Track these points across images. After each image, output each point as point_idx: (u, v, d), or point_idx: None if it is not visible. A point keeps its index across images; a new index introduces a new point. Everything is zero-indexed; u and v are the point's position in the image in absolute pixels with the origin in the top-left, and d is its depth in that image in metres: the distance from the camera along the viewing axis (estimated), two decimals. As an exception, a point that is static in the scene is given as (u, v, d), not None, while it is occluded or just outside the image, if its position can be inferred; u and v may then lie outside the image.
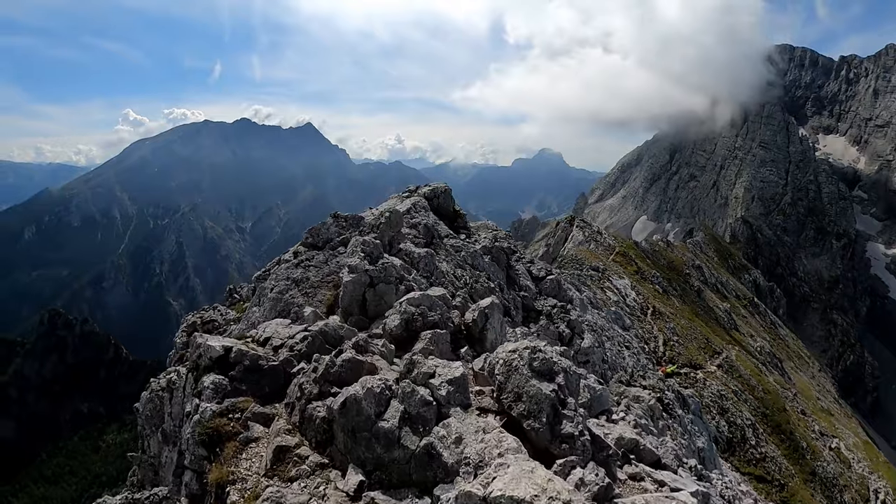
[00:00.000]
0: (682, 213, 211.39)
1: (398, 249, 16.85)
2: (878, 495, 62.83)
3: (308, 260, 16.96)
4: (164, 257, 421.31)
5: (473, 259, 21.19)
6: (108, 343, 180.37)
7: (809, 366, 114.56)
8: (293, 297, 15.20)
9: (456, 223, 25.05)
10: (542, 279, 24.82)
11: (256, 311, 16.16)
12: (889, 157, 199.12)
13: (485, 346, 11.82)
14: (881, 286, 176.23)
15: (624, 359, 26.12)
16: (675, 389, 27.86)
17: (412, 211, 21.72)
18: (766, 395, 65.76)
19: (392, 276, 12.85)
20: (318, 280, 15.78)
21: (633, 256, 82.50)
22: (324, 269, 16.51)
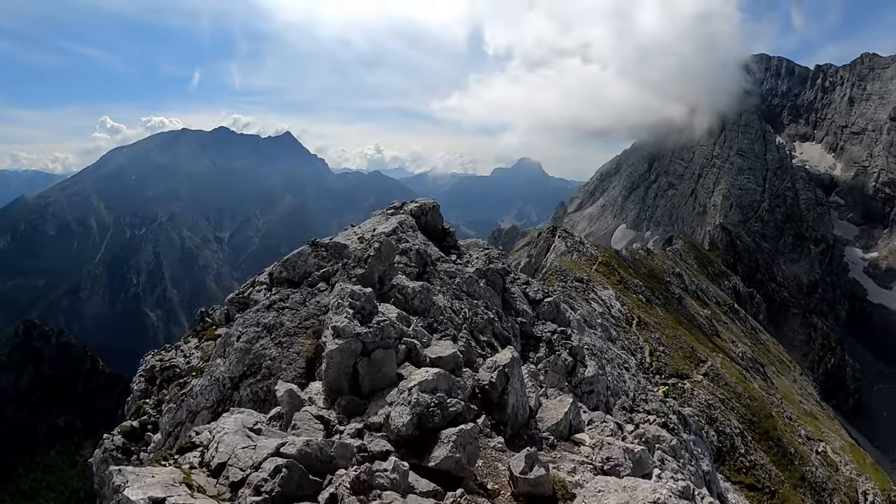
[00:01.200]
0: (661, 221, 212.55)
1: (390, 286, 15.07)
2: (867, 497, 63.02)
3: (282, 300, 14.77)
4: (141, 267, 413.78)
5: (469, 285, 19.77)
6: (84, 355, 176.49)
7: (791, 370, 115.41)
8: (265, 349, 13.20)
9: (445, 242, 23.41)
10: (540, 302, 23.53)
11: (221, 364, 13.79)
12: (865, 163, 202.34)
13: (505, 412, 10.39)
14: (860, 289, 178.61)
15: (625, 382, 25.34)
16: (675, 411, 27.44)
17: (399, 231, 19.99)
18: (752, 401, 65.74)
19: (390, 337, 10.52)
20: (295, 326, 13.80)
21: (616, 266, 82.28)
22: (301, 311, 14.40)
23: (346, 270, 15.32)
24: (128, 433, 16.82)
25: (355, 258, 15.68)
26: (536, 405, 11.59)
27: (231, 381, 13.16)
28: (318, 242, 17.71)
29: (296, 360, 12.93)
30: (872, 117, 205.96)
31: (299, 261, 16.86)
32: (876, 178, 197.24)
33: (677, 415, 27.05)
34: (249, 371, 13.03)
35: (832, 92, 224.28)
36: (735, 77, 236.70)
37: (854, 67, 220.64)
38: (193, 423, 12.90)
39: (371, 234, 18.98)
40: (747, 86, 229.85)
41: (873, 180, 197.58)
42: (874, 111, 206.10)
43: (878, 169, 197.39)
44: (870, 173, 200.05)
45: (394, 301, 14.34)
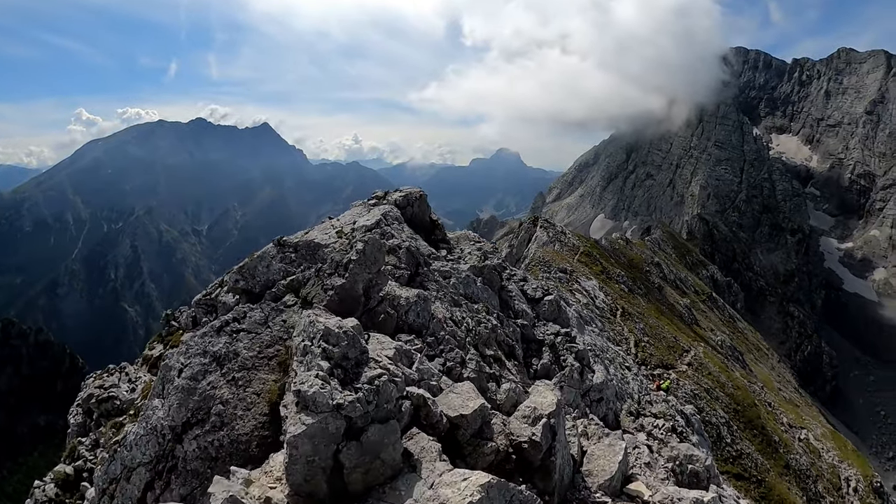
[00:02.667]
0: (639, 210, 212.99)
1: (378, 300, 12.12)
2: (850, 483, 63.23)
3: (238, 320, 11.47)
4: (119, 262, 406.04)
5: (466, 286, 17.22)
6: (63, 354, 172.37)
7: (769, 357, 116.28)
8: (214, 388, 10.12)
9: (434, 235, 20.78)
10: (540, 301, 21.28)
11: (159, 407, 10.62)
12: (840, 156, 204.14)
13: (551, 478, 8.14)
14: (835, 279, 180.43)
15: (628, 383, 24.02)
16: (679, 410, 26.40)
17: (382, 224, 17.22)
18: (736, 391, 65.61)
19: (390, 399, 7.64)
20: (254, 356, 10.67)
21: (598, 256, 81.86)
22: (262, 335, 11.16)
23: (321, 280, 12.10)
24: (61, 481, 14.15)
25: (333, 263, 12.35)
26: (579, 453, 9.42)
27: (172, 431, 10.05)
28: (286, 241, 14.54)
29: (255, 405, 9.98)
30: (848, 111, 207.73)
31: (260, 266, 13.50)
32: (851, 170, 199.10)
33: (680, 413, 26.20)
34: (195, 418, 9.95)
35: (809, 85, 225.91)
36: (713, 69, 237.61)
37: (831, 62, 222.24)
38: (129, 481, 10.23)
39: (351, 227, 16.36)
40: (725, 78, 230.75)
41: (849, 172, 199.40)
42: (850, 105, 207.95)
43: (854, 161, 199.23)
44: (845, 165, 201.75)
45: (383, 318, 11.75)
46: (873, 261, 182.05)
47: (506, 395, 10.10)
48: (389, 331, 11.58)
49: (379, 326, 11.64)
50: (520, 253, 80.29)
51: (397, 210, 18.94)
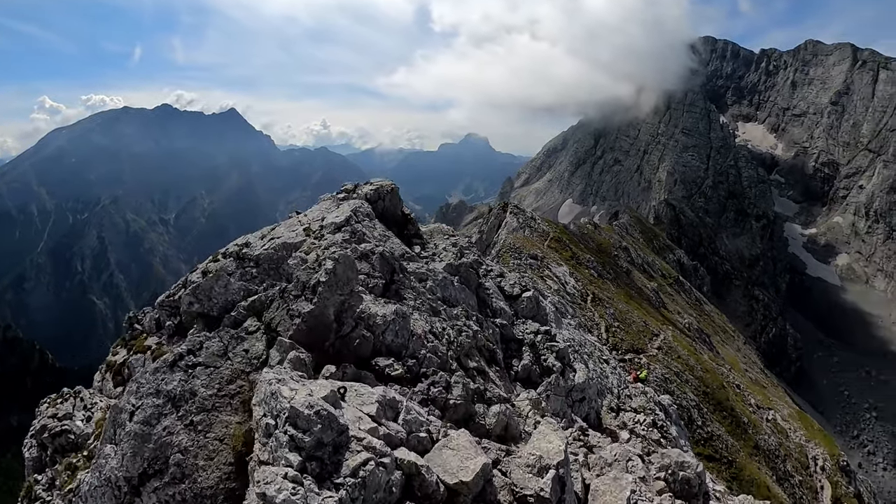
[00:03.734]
0: (607, 196, 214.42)
1: (352, 325, 10.80)
2: (817, 462, 64.43)
3: (193, 352, 10.00)
4: (86, 254, 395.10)
5: (443, 289, 16.15)
6: (32, 350, 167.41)
7: (735, 339, 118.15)
8: (171, 435, 8.84)
9: (406, 230, 19.80)
10: (518, 297, 20.38)
11: (111, 455, 9.25)
12: (805, 145, 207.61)
13: None
14: (799, 264, 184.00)
15: (607, 377, 23.50)
16: (657, 402, 26.23)
17: (353, 221, 16.07)
18: (705, 373, 66.30)
19: (379, 486, 6.73)
20: (213, 395, 9.33)
21: (567, 241, 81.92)
22: (221, 368, 9.76)
23: (287, 303, 10.78)
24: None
25: (299, 283, 11.01)
26: (582, 489, 8.54)
27: (128, 483, 8.79)
28: (246, 255, 12.91)
29: (218, 453, 8.76)
30: (814, 101, 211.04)
31: (217, 286, 11.91)
32: (816, 158, 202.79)
33: (658, 405, 26.04)
34: (152, 469, 8.72)
35: (776, 75, 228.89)
36: (682, 58, 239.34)
37: (798, 53, 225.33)
38: (88, 536, 9.00)
39: (319, 224, 15.42)
40: (693, 66, 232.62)
41: (813, 160, 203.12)
42: (816, 95, 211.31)
43: (818, 150, 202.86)
44: (810, 154, 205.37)
45: (359, 343, 10.61)
46: (836, 247, 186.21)
47: (495, 419, 9.49)
48: (366, 354, 10.67)
49: (354, 352, 10.63)
50: (490, 239, 79.88)
51: (368, 205, 17.82)
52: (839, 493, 60.78)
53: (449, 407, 9.80)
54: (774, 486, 52.36)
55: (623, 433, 18.22)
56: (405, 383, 10.19)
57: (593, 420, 17.99)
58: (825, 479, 62.24)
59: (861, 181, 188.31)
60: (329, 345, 10.48)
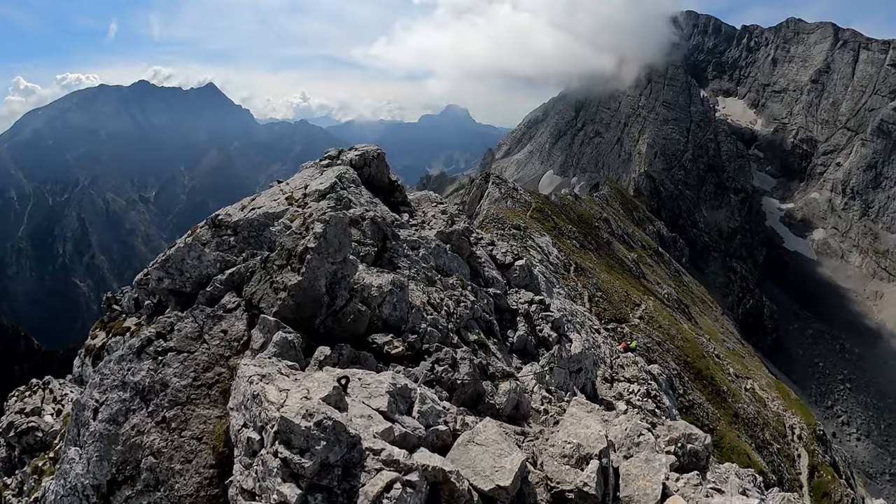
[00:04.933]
0: (588, 167, 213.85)
1: (346, 296, 9.40)
2: (794, 430, 65.46)
3: (163, 336, 8.65)
4: (67, 236, 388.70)
5: (436, 257, 15.20)
6: (18, 336, 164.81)
7: (713, 310, 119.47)
8: (141, 434, 7.61)
9: (394, 198, 18.67)
10: (510, 266, 19.36)
11: (76, 459, 8.01)
12: (784, 121, 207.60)
13: None
14: (776, 237, 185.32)
15: (599, 347, 23.06)
16: (648, 371, 26.05)
17: (338, 188, 14.82)
18: (685, 343, 66.86)
19: None
20: (188, 385, 8.04)
21: (549, 212, 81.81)
22: (196, 353, 8.47)
23: (270, 274, 9.28)
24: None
25: (283, 251, 9.45)
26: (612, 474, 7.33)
27: (97, 491, 7.54)
28: (222, 221, 11.51)
29: (197, 454, 7.49)
30: (794, 79, 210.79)
31: (189, 258, 10.52)
32: (794, 135, 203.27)
33: (648, 374, 25.91)
34: (122, 475, 7.44)
35: (756, 52, 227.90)
36: (663, 31, 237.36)
37: (779, 30, 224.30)
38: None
39: (302, 192, 14.29)
40: (675, 40, 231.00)
41: (792, 137, 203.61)
42: (796, 73, 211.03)
43: (797, 127, 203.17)
44: (789, 130, 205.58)
45: (353, 319, 9.27)
46: (813, 221, 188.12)
47: (506, 397, 8.59)
48: (361, 331, 9.41)
49: (349, 329, 9.28)
50: (472, 209, 79.57)
51: (353, 171, 16.61)
52: (815, 462, 61.81)
53: (457, 387, 8.77)
54: (754, 454, 53.05)
55: (620, 404, 17.86)
56: (407, 362, 9.06)
57: (589, 391, 17.43)
58: (802, 448, 63.23)
59: (839, 159, 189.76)
60: (320, 322, 9.11)
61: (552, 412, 9.98)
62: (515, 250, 20.70)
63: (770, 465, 54.21)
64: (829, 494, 57.73)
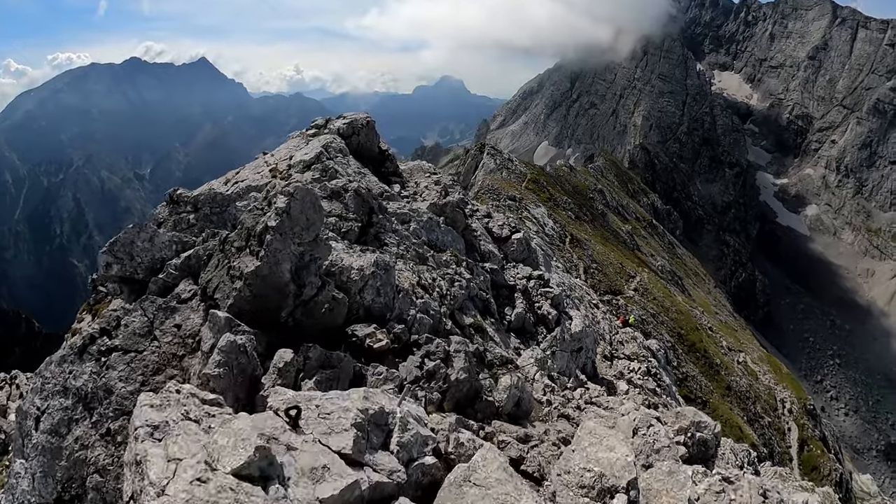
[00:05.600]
0: (582, 139, 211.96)
1: (318, 283, 7.97)
2: (785, 404, 65.59)
3: (107, 332, 7.51)
4: (63, 217, 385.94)
5: (428, 231, 14.05)
6: (19, 319, 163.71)
7: (706, 282, 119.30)
8: (85, 449, 6.59)
9: (384, 168, 17.52)
10: (507, 239, 18.25)
11: (22, 473, 6.89)
12: (780, 96, 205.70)
13: None
14: (770, 212, 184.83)
15: (598, 322, 22.32)
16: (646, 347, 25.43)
17: (324, 157, 13.64)
18: (679, 315, 66.66)
19: None
20: (134, 391, 6.87)
21: (545, 183, 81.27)
22: (145, 353, 7.32)
23: (228, 258, 7.95)
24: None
25: (243, 230, 8.08)
26: None
27: None
28: (181, 197, 10.23)
29: None
30: (791, 54, 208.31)
31: (139, 241, 9.16)
32: (790, 110, 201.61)
33: (647, 350, 25.36)
34: (68, 493, 6.44)
35: (754, 26, 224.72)
36: (660, 3, 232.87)
37: (777, 6, 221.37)
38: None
39: (287, 163, 13.27)
40: (672, 12, 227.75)
41: (787, 112, 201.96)
42: (793, 49, 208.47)
43: (793, 103, 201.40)
44: (784, 106, 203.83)
45: (328, 309, 7.94)
46: (806, 197, 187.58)
47: (506, 394, 7.55)
48: (338, 322, 8.02)
49: (322, 321, 7.90)
50: (467, 180, 79.01)
51: (341, 140, 15.45)
52: (805, 436, 61.96)
53: (450, 385, 7.53)
54: (746, 427, 53.12)
55: (621, 384, 17.22)
56: (392, 357, 7.82)
57: (590, 370, 16.62)
58: (792, 422, 63.38)
59: (834, 136, 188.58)
60: (287, 314, 7.74)
61: (556, 403, 9.08)
62: (512, 223, 19.67)
63: (761, 439, 54.36)
64: (818, 468, 57.91)
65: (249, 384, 6.56)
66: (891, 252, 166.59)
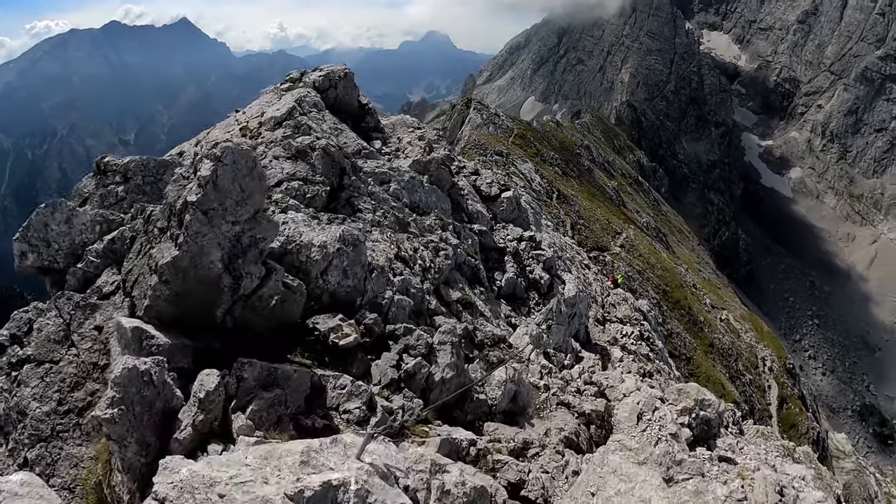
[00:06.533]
0: (569, 94, 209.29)
1: (261, 274, 6.29)
2: (766, 363, 66.09)
3: (18, 339, 6.26)
4: (50, 188, 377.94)
5: (410, 192, 12.53)
6: (13, 294, 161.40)
7: (689, 240, 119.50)
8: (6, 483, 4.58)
9: (364, 123, 15.95)
10: (496, 198, 16.92)
11: None
12: (769, 59, 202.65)
13: None
14: (754, 172, 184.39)
15: (590, 284, 21.41)
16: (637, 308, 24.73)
17: (297, 113, 12.21)
18: (664, 272, 66.55)
19: None
20: (50, 412, 5.66)
21: (532, 138, 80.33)
22: (62, 365, 5.98)
23: (150, 242, 6.30)
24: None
25: (166, 206, 6.41)
26: None
27: None
28: (108, 165, 8.59)
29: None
30: (781, 17, 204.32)
31: (54, 223, 7.76)
32: (778, 73, 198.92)
33: (638, 311, 24.75)
34: None
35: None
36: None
37: None
38: None
39: (258, 121, 11.94)
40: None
41: (775, 75, 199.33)
42: (783, 12, 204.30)
43: (781, 66, 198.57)
44: (772, 68, 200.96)
45: (280, 302, 6.22)
46: (791, 160, 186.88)
47: (500, 390, 6.29)
48: (295, 315, 6.35)
49: (273, 318, 6.19)
50: (453, 136, 77.84)
51: (316, 94, 13.95)
52: (785, 394, 62.58)
53: (433, 386, 6.06)
54: (728, 384, 53.46)
55: (615, 350, 16.53)
56: (363, 354, 6.22)
57: (583, 336, 15.78)
58: (773, 380, 63.93)
59: (820, 101, 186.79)
60: (223, 314, 6.06)
61: (554, 388, 8.12)
62: (502, 180, 18.35)
63: (742, 395, 54.82)
64: (796, 426, 58.61)
65: (163, 421, 5.00)
66: (872, 218, 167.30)
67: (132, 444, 4.72)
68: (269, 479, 3.77)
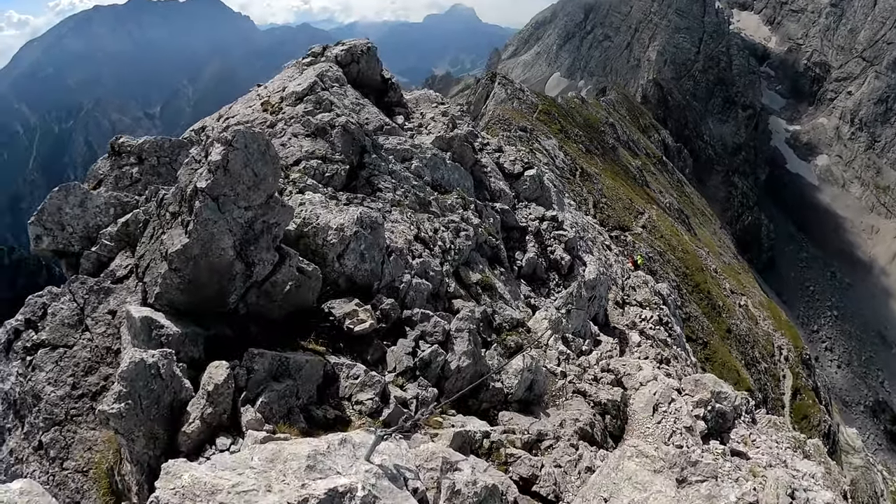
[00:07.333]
0: (595, 71, 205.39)
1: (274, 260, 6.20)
2: (782, 351, 65.25)
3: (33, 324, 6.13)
4: (77, 162, 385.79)
5: (433, 170, 12.10)
6: (40, 267, 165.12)
7: (711, 222, 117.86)
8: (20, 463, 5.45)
9: (387, 98, 15.55)
10: (519, 176, 16.38)
11: None
12: (800, 41, 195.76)
13: None
14: (780, 157, 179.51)
15: (611, 265, 21.06)
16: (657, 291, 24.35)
17: (318, 88, 11.92)
18: (685, 255, 65.90)
19: None
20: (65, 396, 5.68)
21: (556, 114, 79.51)
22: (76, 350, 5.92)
23: (162, 226, 6.03)
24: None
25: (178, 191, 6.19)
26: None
27: None
28: (123, 146, 8.43)
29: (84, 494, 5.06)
30: (812, 0, 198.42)
31: (67, 206, 7.66)
32: (808, 57, 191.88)
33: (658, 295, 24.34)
34: None
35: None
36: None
37: None
38: None
39: (280, 95, 11.67)
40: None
41: (805, 58, 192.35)
42: None
43: (812, 49, 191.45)
44: (803, 51, 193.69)
45: (294, 287, 6.04)
46: (818, 147, 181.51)
47: (517, 378, 6.07)
48: (310, 300, 6.13)
49: (288, 304, 5.97)
50: (477, 110, 77.56)
51: (338, 68, 13.62)
52: (799, 385, 61.79)
53: (449, 374, 5.81)
54: (743, 371, 53.01)
55: (633, 334, 16.30)
56: (379, 340, 6.06)
57: (601, 319, 15.53)
58: (788, 370, 63.14)
59: (850, 87, 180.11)
60: (236, 301, 5.86)
61: (571, 375, 7.97)
62: (525, 158, 17.92)
63: (757, 384, 54.45)
64: (809, 418, 58.00)
65: (171, 415, 4.86)
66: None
67: (140, 438, 4.65)
68: (272, 486, 3.69)
